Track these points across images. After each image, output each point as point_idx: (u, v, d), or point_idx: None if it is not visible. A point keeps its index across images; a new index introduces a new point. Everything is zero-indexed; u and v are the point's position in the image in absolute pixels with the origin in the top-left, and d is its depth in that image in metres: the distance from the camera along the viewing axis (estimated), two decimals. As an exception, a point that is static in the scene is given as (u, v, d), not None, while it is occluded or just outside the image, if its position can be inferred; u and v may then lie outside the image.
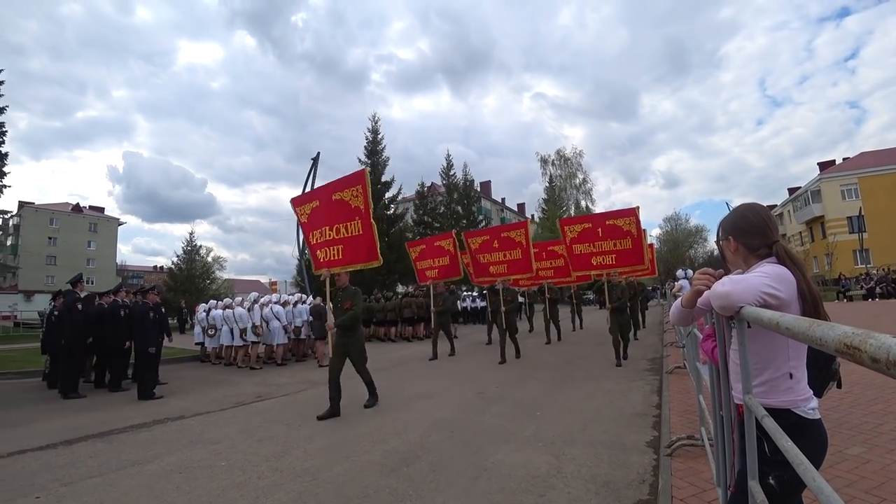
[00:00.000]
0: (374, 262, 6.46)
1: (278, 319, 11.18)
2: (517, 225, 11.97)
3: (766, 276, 1.57)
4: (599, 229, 10.27)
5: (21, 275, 46.44)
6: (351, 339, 6.17)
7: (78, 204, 59.35)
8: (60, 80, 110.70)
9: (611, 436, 4.50)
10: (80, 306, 8.24)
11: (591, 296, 35.43)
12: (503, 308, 9.93)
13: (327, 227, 6.78)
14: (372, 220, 6.45)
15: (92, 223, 58.65)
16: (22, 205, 52.48)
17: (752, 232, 1.74)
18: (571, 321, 16.79)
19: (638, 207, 10.25)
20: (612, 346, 8.66)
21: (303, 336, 11.90)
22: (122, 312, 8.53)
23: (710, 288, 1.72)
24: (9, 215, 48.13)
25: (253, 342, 10.85)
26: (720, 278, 1.73)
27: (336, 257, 6.66)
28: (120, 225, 63.11)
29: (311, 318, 11.53)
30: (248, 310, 11.02)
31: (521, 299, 21.59)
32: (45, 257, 52.98)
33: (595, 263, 10.29)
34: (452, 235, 12.88)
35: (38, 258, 51.34)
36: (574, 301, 17.85)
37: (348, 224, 6.53)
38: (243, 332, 10.84)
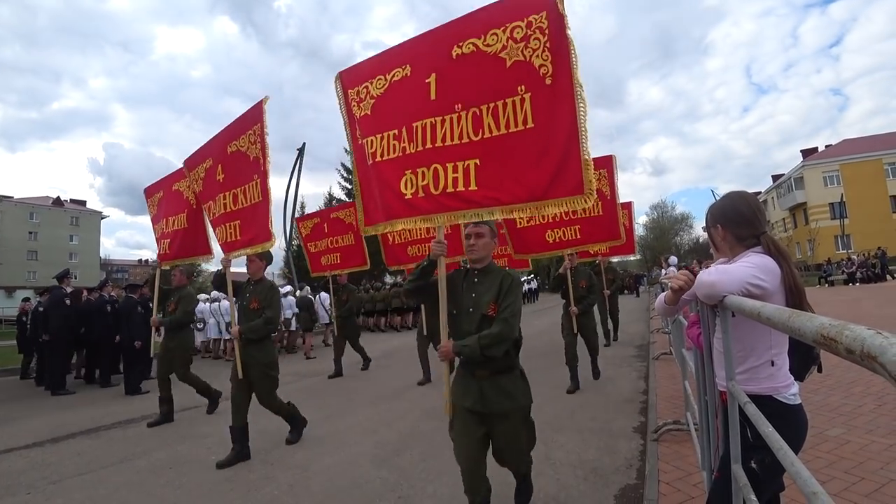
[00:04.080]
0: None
1: (267, 312, 11.12)
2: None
3: (753, 267, 1.60)
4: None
5: (1, 271, 45.53)
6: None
7: (59, 197, 58.12)
8: (34, 69, 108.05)
9: (599, 422, 4.57)
10: (68, 302, 8.15)
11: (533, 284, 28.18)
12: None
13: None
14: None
15: (74, 217, 57.51)
16: (0, 199, 51.26)
17: (741, 222, 1.77)
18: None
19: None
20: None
21: (292, 328, 11.89)
22: (109, 308, 8.45)
23: (684, 286, 1.77)
24: (-13, 209, 47.14)
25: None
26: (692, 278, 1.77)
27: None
28: (103, 218, 61.98)
29: (298, 311, 11.50)
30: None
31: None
32: (25, 252, 51.94)
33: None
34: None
35: (18, 253, 50.33)
36: None
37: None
38: (230, 325, 10.77)
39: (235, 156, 4.48)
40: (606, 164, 6.39)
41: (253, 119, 4.31)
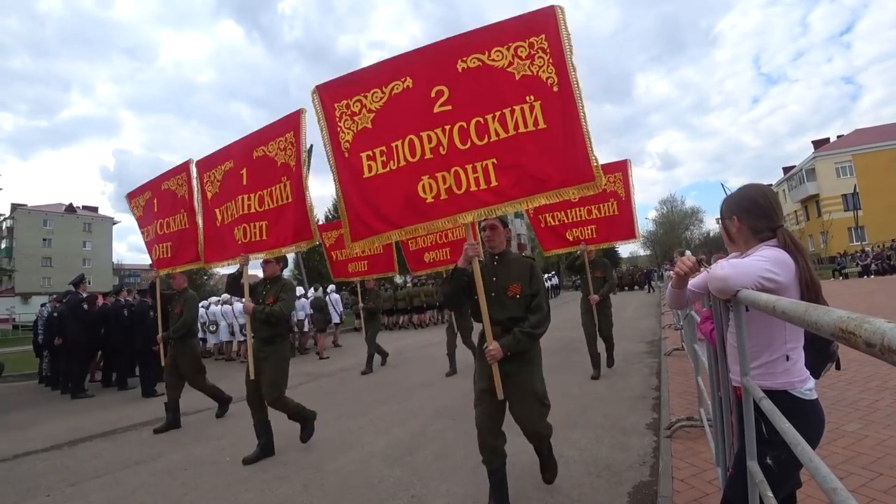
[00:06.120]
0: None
1: (278, 314, 11.23)
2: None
3: (766, 261, 1.58)
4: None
5: (17, 277, 46.20)
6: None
7: (71, 204, 58.89)
8: (44, 78, 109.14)
9: (611, 419, 4.54)
10: (85, 307, 8.31)
11: None
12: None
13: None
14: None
15: (86, 223, 58.30)
16: (14, 207, 52.02)
17: (759, 215, 1.74)
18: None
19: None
20: None
21: (306, 329, 12.00)
22: (126, 312, 8.61)
23: (688, 271, 1.77)
24: (1, 218, 47.78)
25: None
26: (695, 264, 1.78)
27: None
28: (114, 224, 62.70)
29: (311, 312, 11.61)
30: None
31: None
32: (40, 259, 52.72)
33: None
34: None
35: (33, 260, 51.07)
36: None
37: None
38: (242, 327, 10.88)
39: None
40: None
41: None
